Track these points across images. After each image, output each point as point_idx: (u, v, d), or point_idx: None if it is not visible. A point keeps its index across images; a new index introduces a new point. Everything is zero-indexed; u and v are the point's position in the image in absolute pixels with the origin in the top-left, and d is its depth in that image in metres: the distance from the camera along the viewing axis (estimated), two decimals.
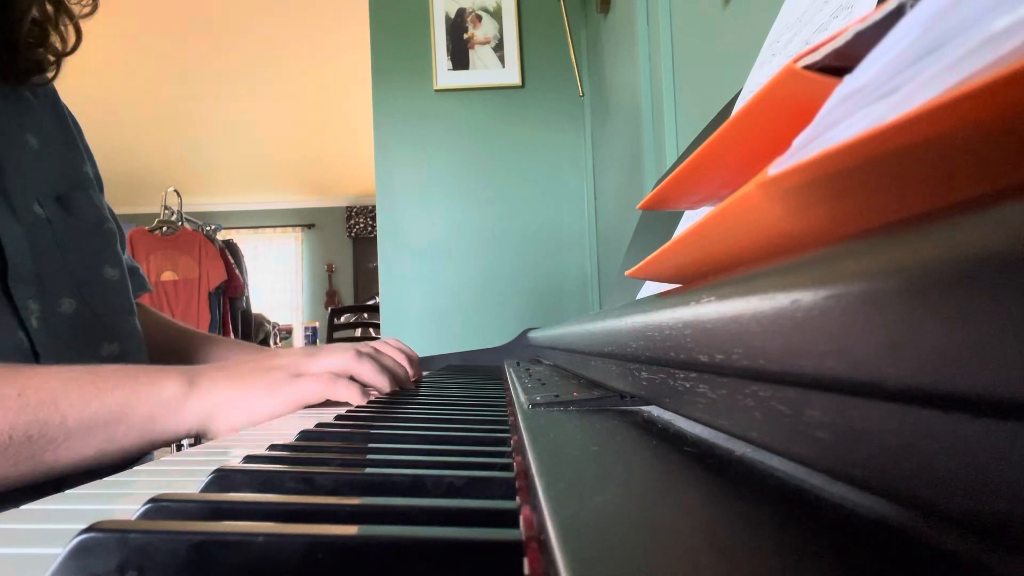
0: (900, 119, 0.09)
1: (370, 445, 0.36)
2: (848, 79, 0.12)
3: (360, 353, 0.60)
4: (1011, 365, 0.08)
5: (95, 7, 0.69)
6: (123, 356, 0.66)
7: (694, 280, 0.24)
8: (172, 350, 0.80)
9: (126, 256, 0.76)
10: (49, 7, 0.65)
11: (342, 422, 0.44)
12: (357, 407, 0.51)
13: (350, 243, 6.34)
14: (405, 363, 0.69)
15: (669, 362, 0.24)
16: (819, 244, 0.13)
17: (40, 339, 0.57)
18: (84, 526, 0.17)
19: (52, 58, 0.67)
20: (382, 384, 0.60)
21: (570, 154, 1.92)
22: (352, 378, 0.58)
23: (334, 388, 0.54)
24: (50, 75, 0.68)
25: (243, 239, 5.49)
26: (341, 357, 0.59)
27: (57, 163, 0.67)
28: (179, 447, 3.06)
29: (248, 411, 0.52)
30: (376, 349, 0.65)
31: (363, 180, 5.63)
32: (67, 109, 0.73)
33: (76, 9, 0.68)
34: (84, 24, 0.69)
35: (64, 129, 0.71)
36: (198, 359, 0.81)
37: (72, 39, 0.68)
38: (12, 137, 0.62)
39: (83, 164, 0.71)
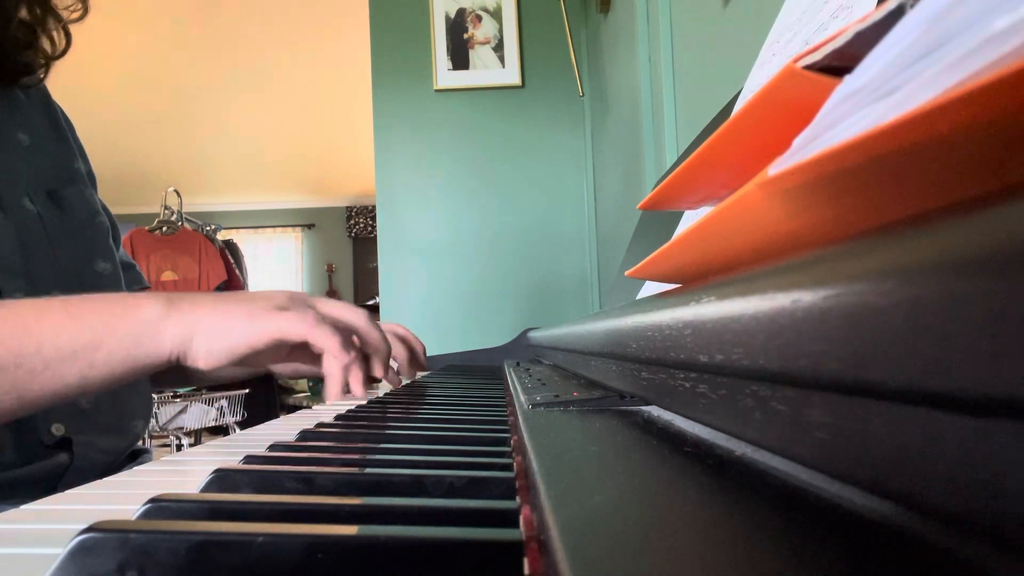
0: (900, 119, 0.09)
1: (370, 445, 0.36)
2: (848, 79, 0.12)
3: (366, 318, 0.56)
4: (1011, 365, 0.08)
5: (85, 12, 0.69)
6: None
7: (694, 280, 0.24)
8: None
9: (121, 252, 0.76)
10: (38, 10, 0.65)
11: (342, 422, 0.44)
12: (356, 407, 0.51)
13: (350, 243, 6.34)
14: (400, 349, 0.67)
15: (669, 362, 0.24)
16: (819, 244, 0.13)
17: None
18: (84, 526, 0.17)
19: (42, 60, 0.67)
20: (398, 351, 0.56)
21: (570, 154, 1.92)
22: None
23: (315, 330, 0.50)
24: (40, 76, 0.68)
25: (243, 239, 5.48)
26: (350, 309, 0.55)
27: (48, 159, 0.67)
28: (179, 447, 3.06)
29: (225, 335, 0.50)
30: (392, 331, 0.61)
31: (363, 180, 5.63)
32: (59, 106, 0.73)
33: (65, 14, 0.68)
34: (85, 23, 0.69)
35: (55, 126, 0.71)
36: None
37: (62, 43, 0.68)
38: (1, 133, 0.63)
39: (75, 160, 0.71)
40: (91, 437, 0.61)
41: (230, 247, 3.98)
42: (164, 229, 3.74)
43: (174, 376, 0.67)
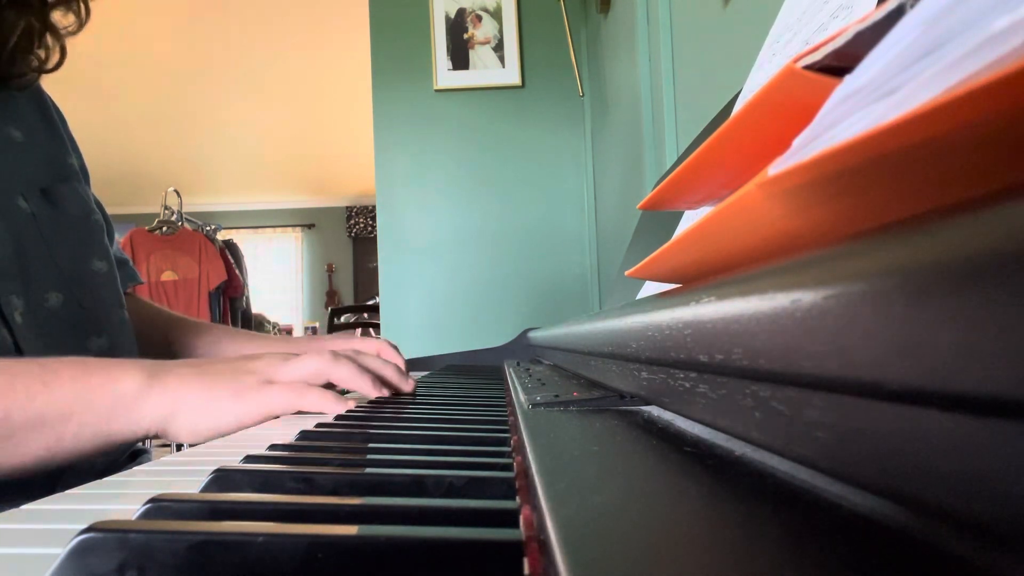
0: (900, 119, 0.09)
1: (370, 445, 0.36)
2: (848, 79, 0.12)
3: (336, 355, 0.56)
4: (1011, 365, 0.08)
5: (80, 26, 0.69)
6: (112, 350, 0.65)
7: (694, 280, 0.24)
8: (164, 341, 0.79)
9: (116, 249, 0.75)
10: (37, 25, 0.65)
11: (342, 422, 0.44)
12: (356, 407, 0.51)
13: (350, 243, 6.34)
14: (392, 360, 0.67)
15: (669, 362, 0.24)
16: (819, 244, 0.13)
17: (23, 335, 0.57)
18: (84, 526, 0.17)
19: (35, 70, 0.66)
20: (363, 385, 0.56)
21: (570, 154, 1.92)
22: (331, 385, 0.55)
23: (305, 398, 0.50)
24: (30, 78, 0.67)
25: (243, 239, 5.49)
26: (315, 361, 0.54)
27: (41, 155, 0.67)
28: (179, 447, 3.06)
29: (211, 415, 0.48)
30: (356, 351, 0.61)
31: (363, 180, 5.63)
32: (50, 100, 0.73)
33: (62, 24, 0.68)
34: (76, 35, 0.69)
35: (47, 120, 0.71)
36: (187, 347, 0.80)
37: (56, 56, 0.67)
38: None
39: (67, 155, 0.71)
40: None
41: (230, 247, 3.98)
42: (164, 229, 3.74)
43: None
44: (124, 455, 0.67)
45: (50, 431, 0.45)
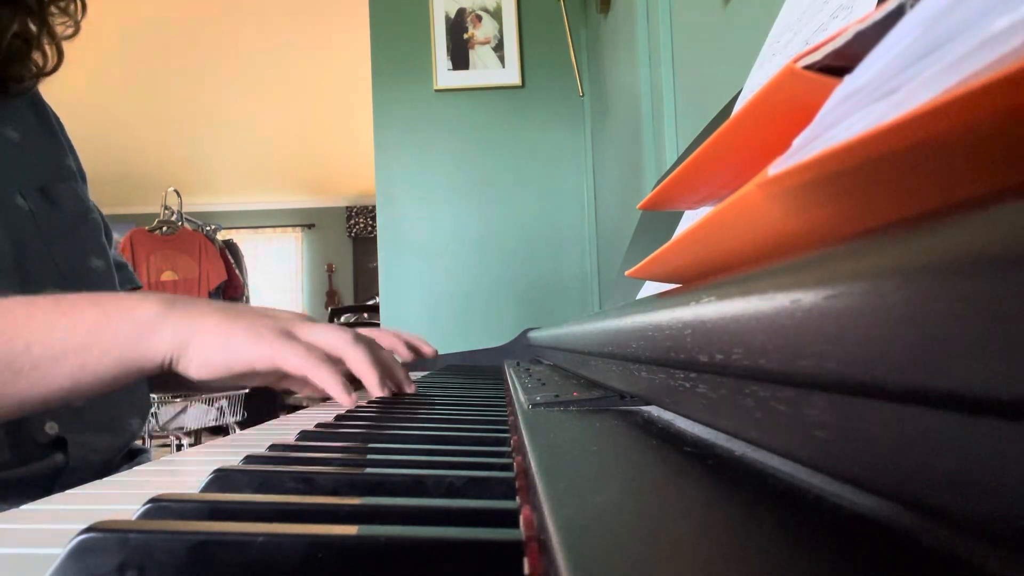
0: (900, 119, 0.09)
1: (370, 445, 0.36)
2: (848, 79, 0.12)
3: (358, 337, 0.54)
4: (1011, 365, 0.08)
5: (77, 30, 0.69)
6: None
7: (694, 280, 0.24)
8: None
9: (114, 253, 0.76)
10: (32, 25, 0.65)
11: (342, 422, 0.44)
12: (356, 407, 0.51)
13: (350, 243, 6.34)
14: (404, 351, 0.66)
15: (669, 362, 0.24)
16: (819, 244, 0.13)
17: None
18: (84, 526, 0.17)
19: (33, 74, 0.67)
20: (370, 377, 0.54)
21: (570, 154, 1.92)
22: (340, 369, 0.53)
23: (316, 369, 0.48)
24: (29, 84, 0.67)
25: (243, 239, 5.48)
26: (336, 334, 0.53)
27: (39, 156, 0.67)
28: (179, 447, 3.06)
29: (225, 350, 0.47)
30: (374, 339, 0.59)
31: (363, 180, 5.63)
32: (47, 104, 0.73)
33: (60, 29, 0.68)
34: (85, 23, 0.69)
35: (45, 123, 0.71)
36: None
37: (54, 59, 0.68)
38: None
39: (65, 157, 0.71)
40: (85, 436, 0.61)
41: (230, 247, 3.98)
42: (164, 229, 3.74)
43: (157, 381, 0.66)
44: (121, 454, 0.67)
45: (73, 359, 0.45)
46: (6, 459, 0.55)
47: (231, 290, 3.87)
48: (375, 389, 0.55)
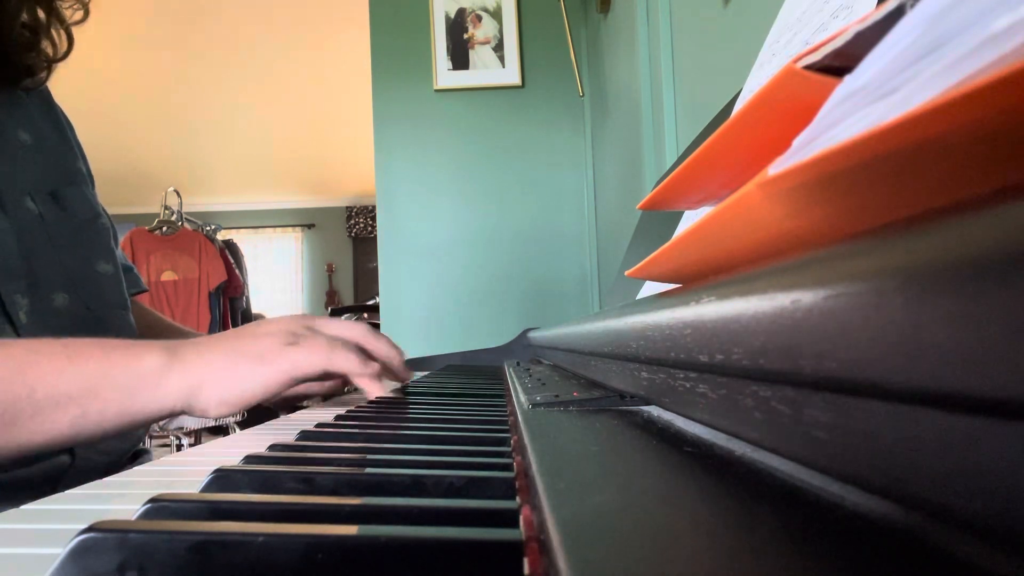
0: (900, 119, 0.09)
1: (370, 445, 0.36)
2: (848, 79, 0.12)
3: (346, 343, 0.54)
4: (1011, 365, 0.08)
5: (86, 14, 0.68)
6: None
7: (694, 280, 0.24)
8: None
9: (119, 255, 0.76)
10: (41, 13, 0.65)
11: (342, 422, 0.44)
12: (356, 407, 0.51)
13: (350, 243, 6.34)
14: (397, 358, 0.67)
15: (669, 362, 0.24)
16: (819, 244, 0.13)
17: (28, 334, 0.57)
18: (84, 526, 0.17)
19: (44, 63, 0.67)
20: (369, 382, 0.55)
21: (570, 154, 1.92)
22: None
23: (332, 357, 0.49)
24: (42, 77, 0.68)
25: (243, 239, 5.48)
26: (346, 327, 0.54)
27: (50, 159, 0.67)
28: (179, 447, 3.05)
29: (237, 383, 0.48)
30: (377, 336, 0.61)
31: (363, 180, 5.63)
32: (59, 107, 0.73)
33: (68, 13, 0.68)
34: (85, 23, 0.69)
35: (56, 125, 0.71)
36: None
37: (64, 45, 0.67)
38: (2, 133, 0.62)
39: (76, 160, 0.71)
40: None
41: (230, 247, 3.98)
42: (164, 229, 3.74)
43: None
44: (126, 456, 0.67)
45: (75, 407, 0.45)
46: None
47: (231, 290, 3.87)
48: (374, 390, 0.57)
